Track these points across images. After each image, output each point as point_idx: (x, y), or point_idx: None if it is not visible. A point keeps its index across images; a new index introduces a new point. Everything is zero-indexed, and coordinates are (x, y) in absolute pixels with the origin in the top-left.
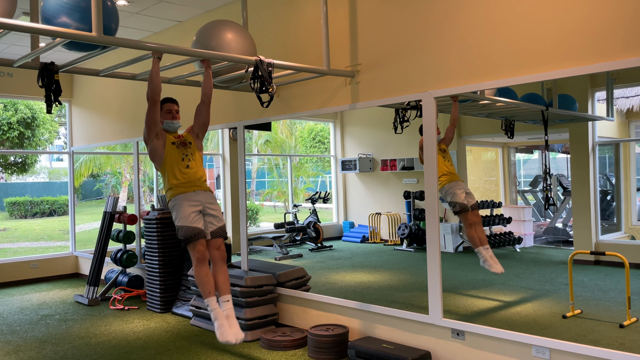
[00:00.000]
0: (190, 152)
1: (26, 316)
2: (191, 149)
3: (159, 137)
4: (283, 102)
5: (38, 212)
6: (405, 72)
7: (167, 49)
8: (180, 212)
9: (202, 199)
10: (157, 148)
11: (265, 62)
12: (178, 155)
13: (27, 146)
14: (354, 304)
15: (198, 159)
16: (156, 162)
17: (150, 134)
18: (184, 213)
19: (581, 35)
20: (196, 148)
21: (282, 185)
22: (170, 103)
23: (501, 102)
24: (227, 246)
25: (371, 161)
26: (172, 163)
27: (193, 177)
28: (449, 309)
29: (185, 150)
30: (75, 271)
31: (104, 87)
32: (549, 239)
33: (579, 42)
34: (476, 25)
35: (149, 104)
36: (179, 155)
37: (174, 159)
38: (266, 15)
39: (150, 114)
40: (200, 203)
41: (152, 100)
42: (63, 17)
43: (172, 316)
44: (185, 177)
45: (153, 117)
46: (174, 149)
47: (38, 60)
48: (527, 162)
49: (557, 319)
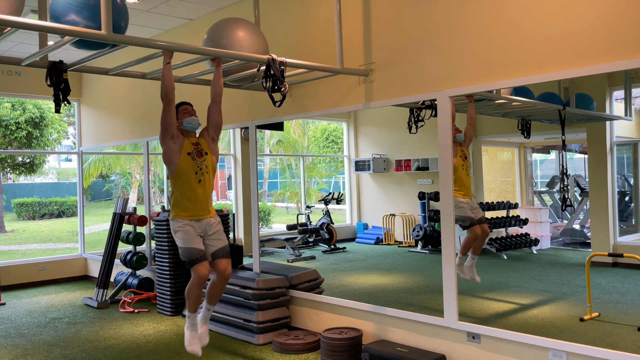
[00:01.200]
0: (206, 164)
1: (34, 319)
2: (206, 160)
3: (175, 140)
4: (295, 102)
5: (46, 214)
6: (420, 70)
7: (177, 48)
8: (184, 234)
9: (206, 227)
10: (172, 152)
11: (277, 61)
12: (192, 167)
13: (36, 146)
14: (367, 306)
15: (211, 171)
16: (170, 168)
17: (166, 136)
18: (187, 235)
19: (599, 33)
20: (212, 159)
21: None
22: (185, 105)
23: (517, 102)
24: (238, 248)
25: (385, 161)
26: (185, 175)
27: (203, 201)
28: (464, 311)
29: (200, 162)
30: (85, 273)
31: (114, 86)
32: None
33: (596, 40)
34: (492, 22)
35: (164, 103)
36: (193, 168)
37: (188, 171)
38: (278, 12)
39: (165, 114)
40: (204, 230)
41: (166, 99)
42: (72, 14)
43: (183, 319)
44: (194, 200)
45: (168, 117)
46: (189, 160)
47: (46, 59)
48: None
49: (574, 322)
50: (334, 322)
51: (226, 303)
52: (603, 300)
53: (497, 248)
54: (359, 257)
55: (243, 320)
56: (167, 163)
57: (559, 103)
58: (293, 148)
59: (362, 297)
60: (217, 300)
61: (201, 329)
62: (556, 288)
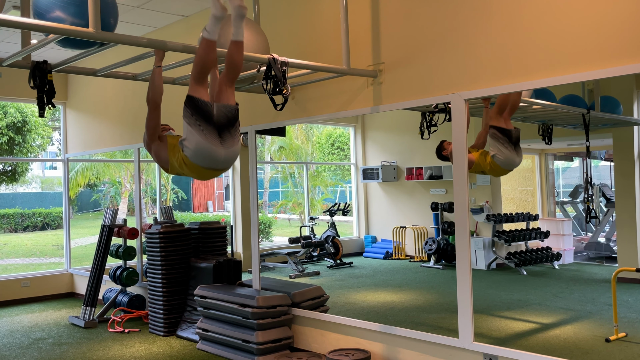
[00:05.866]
0: None
1: (16, 340)
2: None
3: (161, 140)
4: (298, 105)
5: (29, 226)
6: (432, 71)
7: (171, 46)
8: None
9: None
10: (160, 151)
11: (279, 61)
12: None
13: (18, 153)
14: (376, 326)
15: None
16: (162, 165)
17: (152, 138)
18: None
19: (625, 32)
20: None
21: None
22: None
23: (538, 105)
24: (236, 263)
25: (395, 169)
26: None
27: None
28: (480, 331)
29: None
30: (71, 290)
31: (102, 88)
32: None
33: (622, 39)
34: (510, 20)
35: (150, 107)
36: None
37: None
38: (280, 9)
39: (151, 118)
40: None
41: (153, 104)
42: (57, 11)
43: (177, 339)
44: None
45: (154, 121)
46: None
47: (29, 59)
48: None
49: (599, 342)
50: (340, 343)
51: (223, 322)
52: (630, 319)
53: (516, 263)
54: (367, 272)
55: (242, 340)
56: (159, 161)
57: (583, 106)
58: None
59: (371, 316)
60: None
61: None
62: (580, 306)
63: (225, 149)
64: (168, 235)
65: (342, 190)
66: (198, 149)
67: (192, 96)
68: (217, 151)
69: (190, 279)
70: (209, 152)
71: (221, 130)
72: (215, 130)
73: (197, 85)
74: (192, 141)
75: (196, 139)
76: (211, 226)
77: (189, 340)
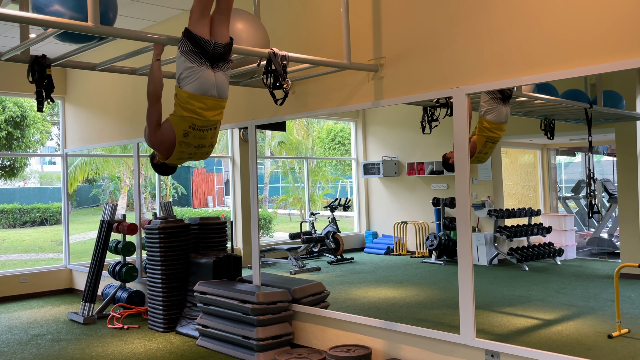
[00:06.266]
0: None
1: (15, 336)
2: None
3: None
4: (299, 99)
5: (28, 221)
6: (434, 65)
7: (170, 41)
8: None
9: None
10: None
11: (279, 55)
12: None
13: (16, 148)
14: (377, 322)
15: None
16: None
17: (155, 130)
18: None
19: (628, 26)
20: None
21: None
22: None
23: (540, 99)
24: (236, 259)
25: (396, 164)
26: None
27: None
28: (482, 328)
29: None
30: (70, 286)
31: (101, 83)
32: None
33: (625, 33)
34: (512, 13)
35: (151, 101)
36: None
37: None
38: (280, 3)
39: (152, 112)
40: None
41: (154, 97)
42: (55, 5)
43: (176, 336)
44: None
45: (155, 114)
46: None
47: (28, 53)
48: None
49: (602, 339)
50: (341, 339)
51: (223, 318)
52: (633, 315)
53: (518, 259)
54: (368, 268)
55: (242, 337)
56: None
57: (586, 101)
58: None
59: (372, 312)
60: None
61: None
62: (582, 302)
63: (216, 73)
64: (167, 231)
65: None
66: (191, 73)
67: (192, 33)
68: (209, 73)
69: (189, 275)
70: (201, 74)
71: (214, 62)
72: (209, 62)
73: (200, 18)
74: (185, 68)
75: (189, 65)
76: (211, 222)
77: (189, 337)
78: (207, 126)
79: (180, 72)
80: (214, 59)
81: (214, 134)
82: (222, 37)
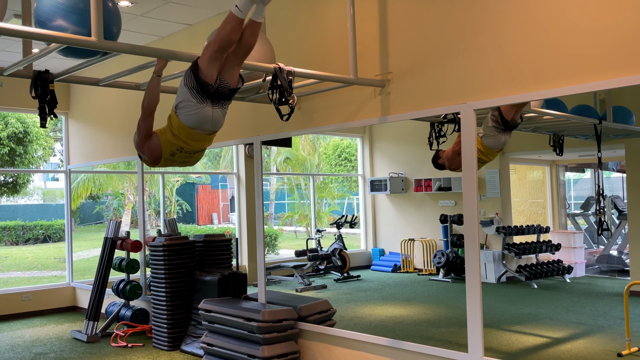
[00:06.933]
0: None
1: (17, 354)
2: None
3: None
4: (305, 115)
5: (31, 238)
6: (441, 81)
7: (174, 55)
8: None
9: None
10: (153, 139)
11: (284, 70)
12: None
13: (19, 164)
14: (384, 340)
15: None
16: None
17: (144, 140)
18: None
19: (638, 41)
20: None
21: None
22: None
23: (549, 115)
24: (242, 276)
25: (403, 181)
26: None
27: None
28: (490, 346)
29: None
30: (73, 304)
31: (105, 99)
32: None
33: (635, 47)
34: (521, 29)
35: (143, 114)
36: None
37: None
38: (286, 17)
39: (146, 124)
40: None
41: (147, 111)
42: (59, 19)
43: (181, 354)
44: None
45: (146, 127)
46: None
47: (31, 68)
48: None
49: (611, 357)
50: (348, 357)
51: (228, 336)
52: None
53: (527, 276)
54: (375, 286)
55: (247, 355)
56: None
57: (595, 117)
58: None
59: (379, 330)
60: None
61: None
62: (592, 320)
63: (214, 109)
64: (172, 248)
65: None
66: (189, 105)
67: (199, 73)
68: (208, 110)
69: (194, 293)
70: (199, 110)
71: (214, 100)
72: (210, 100)
73: (212, 60)
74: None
75: (190, 99)
76: (216, 239)
77: (194, 355)
78: (195, 150)
79: (180, 100)
80: (217, 98)
81: (201, 154)
82: (231, 80)
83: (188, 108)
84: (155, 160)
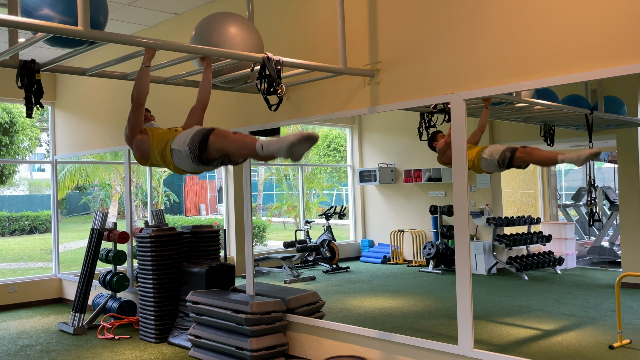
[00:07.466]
0: None
1: (3, 347)
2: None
3: (143, 133)
4: (293, 105)
5: (17, 229)
6: (431, 71)
7: (162, 45)
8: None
9: None
10: (143, 144)
11: (273, 60)
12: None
13: (5, 155)
14: (373, 332)
15: None
16: (141, 157)
17: (134, 133)
18: None
19: (629, 30)
20: None
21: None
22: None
23: (540, 105)
24: (229, 268)
25: (393, 172)
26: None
27: None
28: (481, 338)
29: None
30: (59, 296)
31: (92, 88)
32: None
33: (626, 37)
34: (511, 18)
35: (133, 106)
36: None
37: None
38: (274, 6)
39: (136, 116)
40: None
41: (137, 102)
42: (45, 9)
43: (168, 346)
44: None
45: (137, 119)
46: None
47: (17, 58)
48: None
49: (603, 349)
50: (336, 349)
51: (216, 328)
52: (635, 325)
53: (517, 268)
54: (364, 277)
55: (235, 347)
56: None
57: (586, 107)
58: None
59: (368, 322)
60: None
61: None
62: (583, 312)
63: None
64: (159, 239)
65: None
66: (183, 158)
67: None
68: (199, 166)
69: (182, 284)
70: (191, 162)
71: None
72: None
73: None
74: (181, 152)
75: (187, 155)
76: (204, 230)
77: (181, 347)
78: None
79: (177, 149)
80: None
81: None
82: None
83: (182, 159)
84: (144, 156)
